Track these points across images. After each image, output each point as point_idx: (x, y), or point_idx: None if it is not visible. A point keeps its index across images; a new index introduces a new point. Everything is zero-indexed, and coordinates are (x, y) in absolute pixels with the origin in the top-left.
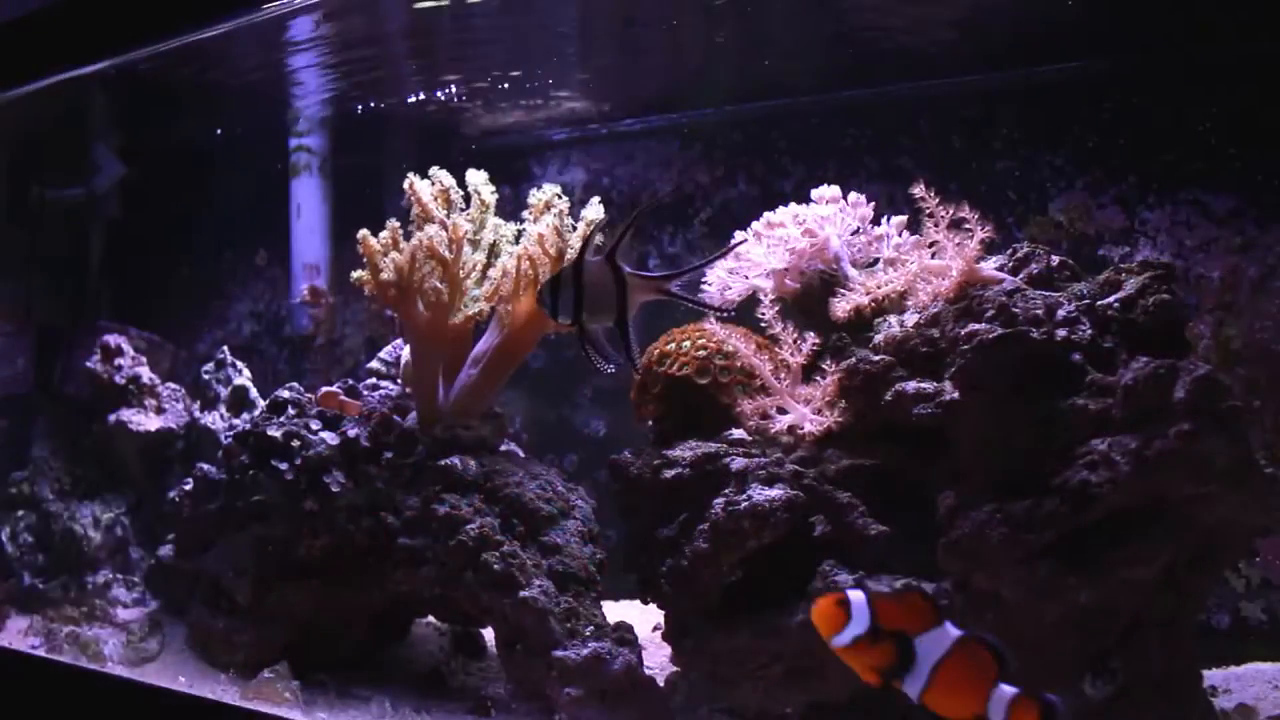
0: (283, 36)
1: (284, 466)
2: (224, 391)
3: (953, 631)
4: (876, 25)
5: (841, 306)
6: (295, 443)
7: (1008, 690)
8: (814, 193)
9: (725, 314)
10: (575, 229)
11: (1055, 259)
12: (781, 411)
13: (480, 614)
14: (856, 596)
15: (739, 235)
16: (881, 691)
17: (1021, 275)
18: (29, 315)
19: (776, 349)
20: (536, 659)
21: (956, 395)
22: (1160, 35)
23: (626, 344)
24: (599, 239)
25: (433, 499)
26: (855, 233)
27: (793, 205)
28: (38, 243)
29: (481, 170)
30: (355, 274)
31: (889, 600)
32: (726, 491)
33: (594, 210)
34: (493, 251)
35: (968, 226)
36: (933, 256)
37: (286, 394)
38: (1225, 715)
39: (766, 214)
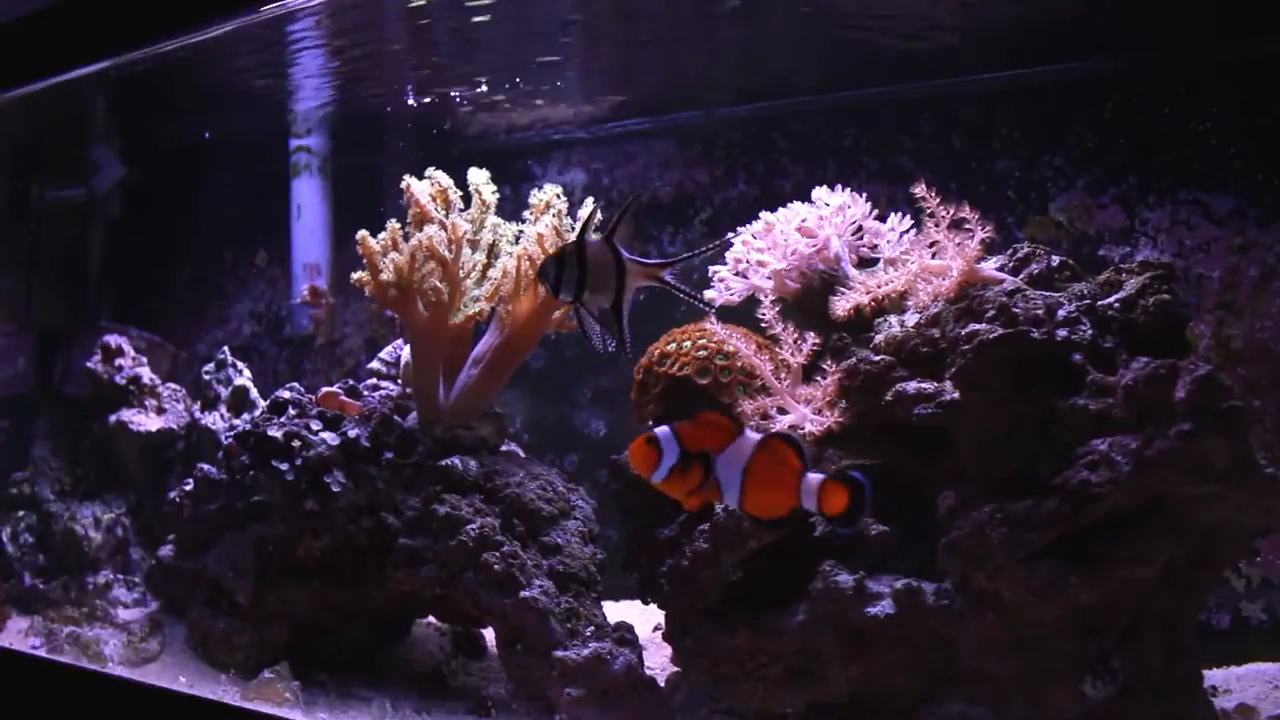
0: (283, 36)
1: (284, 467)
2: (224, 392)
3: (752, 437)
4: (876, 25)
5: (841, 305)
6: (296, 443)
7: (814, 478)
8: (815, 193)
9: (711, 308)
10: (574, 229)
11: (1055, 259)
12: (782, 411)
13: (481, 614)
14: (663, 431)
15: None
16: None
17: (1022, 275)
18: (29, 316)
19: (777, 349)
20: (537, 659)
21: (957, 395)
22: (1160, 35)
23: (621, 326)
24: (597, 219)
25: (433, 499)
26: (856, 233)
27: (793, 205)
28: (38, 243)
29: (483, 170)
30: (355, 274)
31: (691, 427)
32: None
33: (590, 210)
34: (493, 251)
35: (968, 226)
36: (933, 256)
37: (287, 394)
38: (1226, 715)
39: (765, 214)
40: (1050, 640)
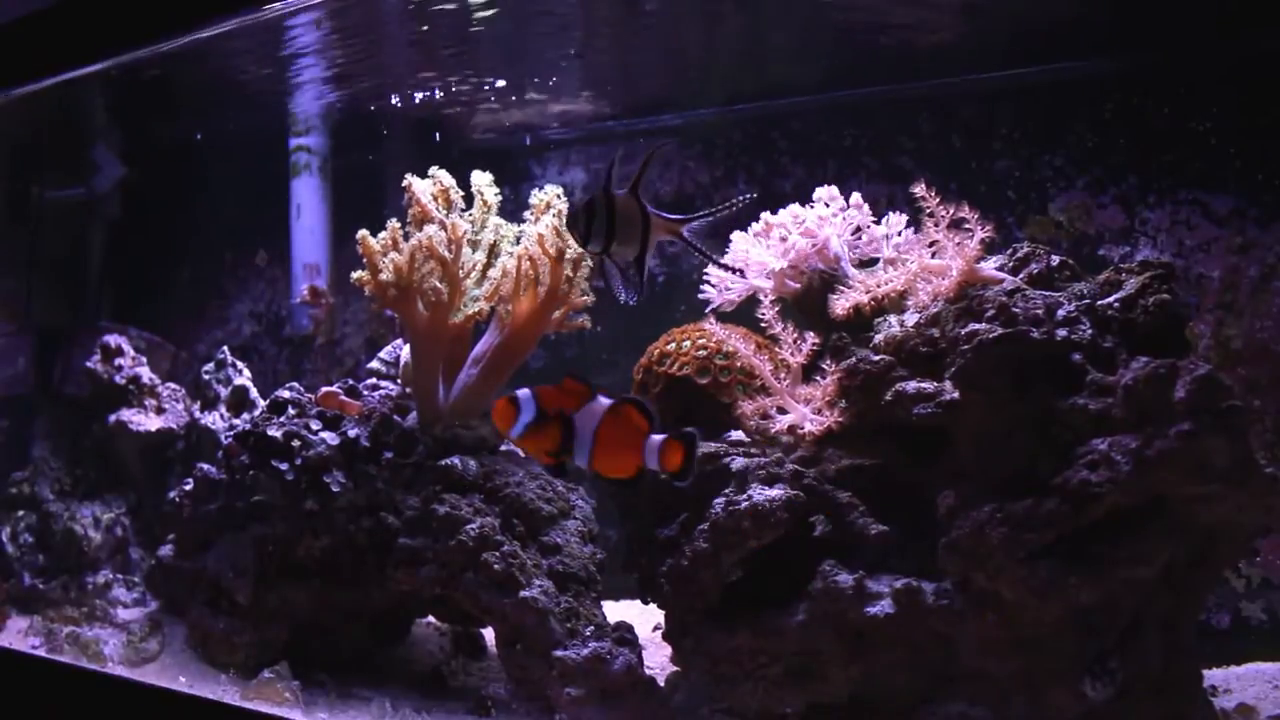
0: (283, 36)
1: (284, 467)
2: (224, 392)
3: (604, 401)
4: (876, 24)
5: (841, 304)
6: (295, 443)
7: (656, 438)
8: (816, 193)
9: (733, 270)
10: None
11: (1055, 259)
12: (781, 411)
13: (480, 614)
14: (523, 392)
15: (737, 236)
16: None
17: (1022, 275)
18: (29, 315)
19: (776, 349)
20: (537, 659)
21: (957, 395)
22: (1160, 35)
23: (643, 278)
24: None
25: (433, 499)
26: (856, 232)
27: (793, 206)
28: (38, 243)
29: (486, 172)
30: (355, 274)
31: (550, 390)
32: (727, 491)
33: None
34: (493, 251)
35: (968, 226)
36: (933, 256)
37: (287, 394)
38: (1225, 715)
39: (765, 215)
40: (1050, 640)
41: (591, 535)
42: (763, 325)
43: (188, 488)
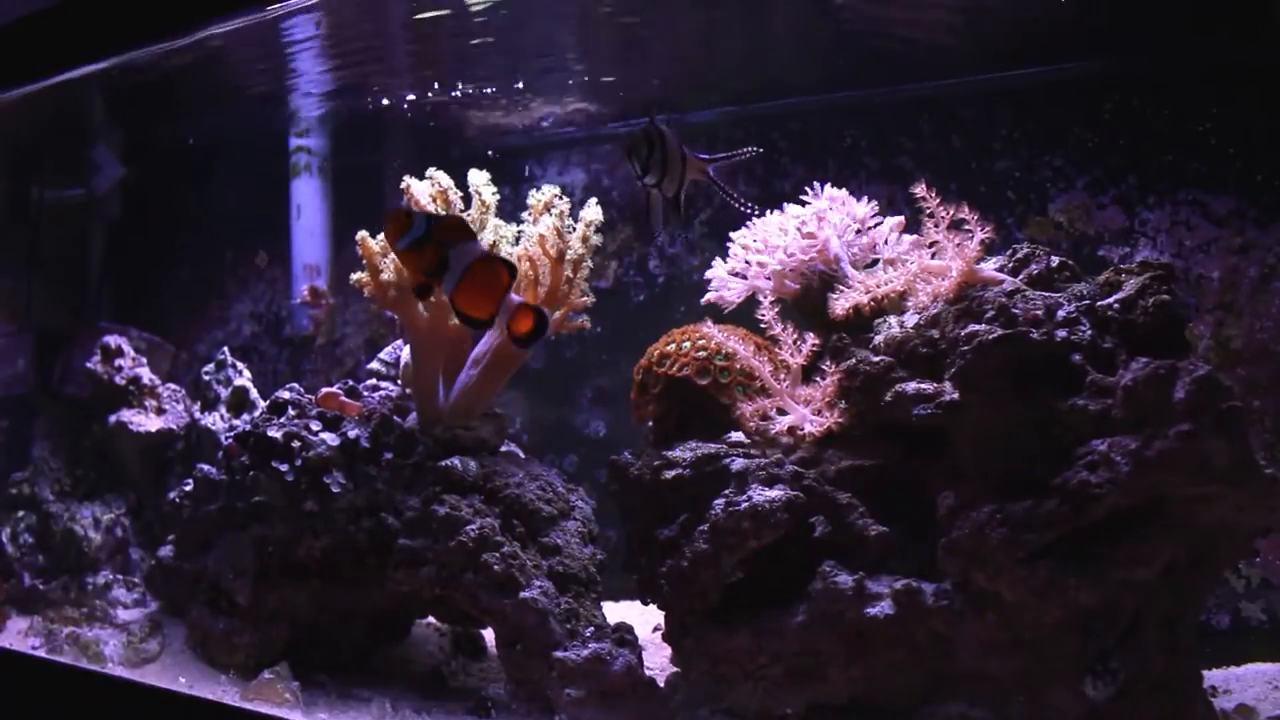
0: (283, 37)
1: (284, 467)
2: (224, 392)
3: (481, 247)
4: (876, 25)
5: (840, 304)
6: (296, 444)
7: (514, 298)
8: (814, 192)
9: (751, 209)
10: (575, 230)
11: (1055, 259)
12: (781, 412)
13: (480, 615)
14: (419, 212)
15: (735, 234)
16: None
17: (1021, 276)
18: (29, 316)
19: (776, 350)
20: (537, 659)
21: (956, 396)
22: (1160, 35)
23: (680, 213)
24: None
25: (433, 500)
26: (857, 233)
27: (793, 206)
28: (38, 243)
29: (484, 171)
30: (355, 275)
31: (440, 219)
32: (726, 492)
33: (592, 211)
34: None
35: (968, 227)
36: (933, 257)
37: (287, 395)
38: (1225, 715)
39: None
40: (1050, 641)
41: (591, 536)
42: (762, 326)
43: (188, 488)
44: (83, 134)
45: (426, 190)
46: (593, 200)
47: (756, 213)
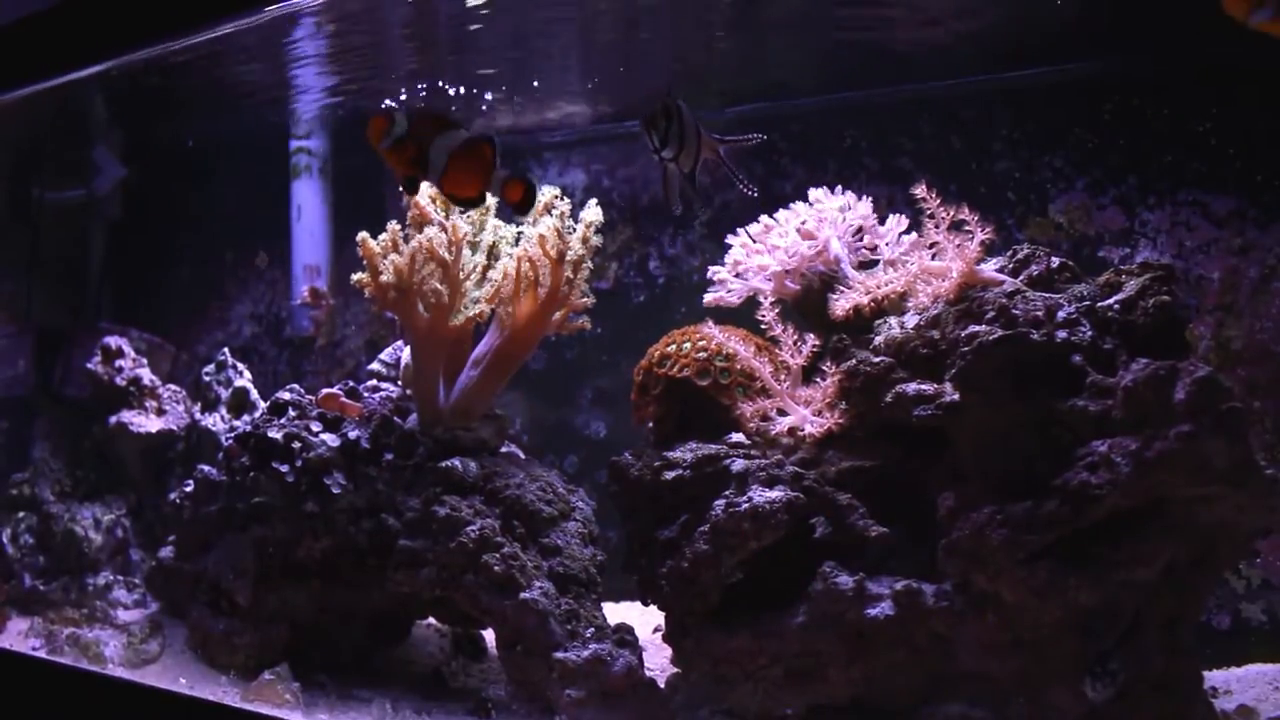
0: (283, 38)
1: (285, 468)
2: (225, 393)
3: (461, 134)
4: (876, 26)
5: (841, 305)
6: (296, 444)
7: (502, 172)
8: (811, 194)
9: (754, 191)
10: (575, 231)
11: (1055, 260)
12: (782, 413)
13: (481, 615)
14: (400, 112)
15: (732, 236)
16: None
17: (1022, 277)
18: (30, 316)
19: (776, 351)
20: (537, 660)
21: (957, 397)
22: (1160, 36)
23: (694, 189)
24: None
25: (433, 500)
26: (857, 234)
27: (796, 205)
28: (39, 244)
29: None
30: (355, 276)
31: (419, 113)
32: (727, 493)
33: (592, 212)
34: (493, 253)
35: (968, 228)
36: (933, 258)
37: (287, 396)
38: (1226, 716)
39: (764, 217)
40: (1050, 641)
41: (592, 537)
42: (763, 327)
43: (188, 489)
44: (83, 135)
45: (427, 191)
46: (593, 201)
47: (755, 194)
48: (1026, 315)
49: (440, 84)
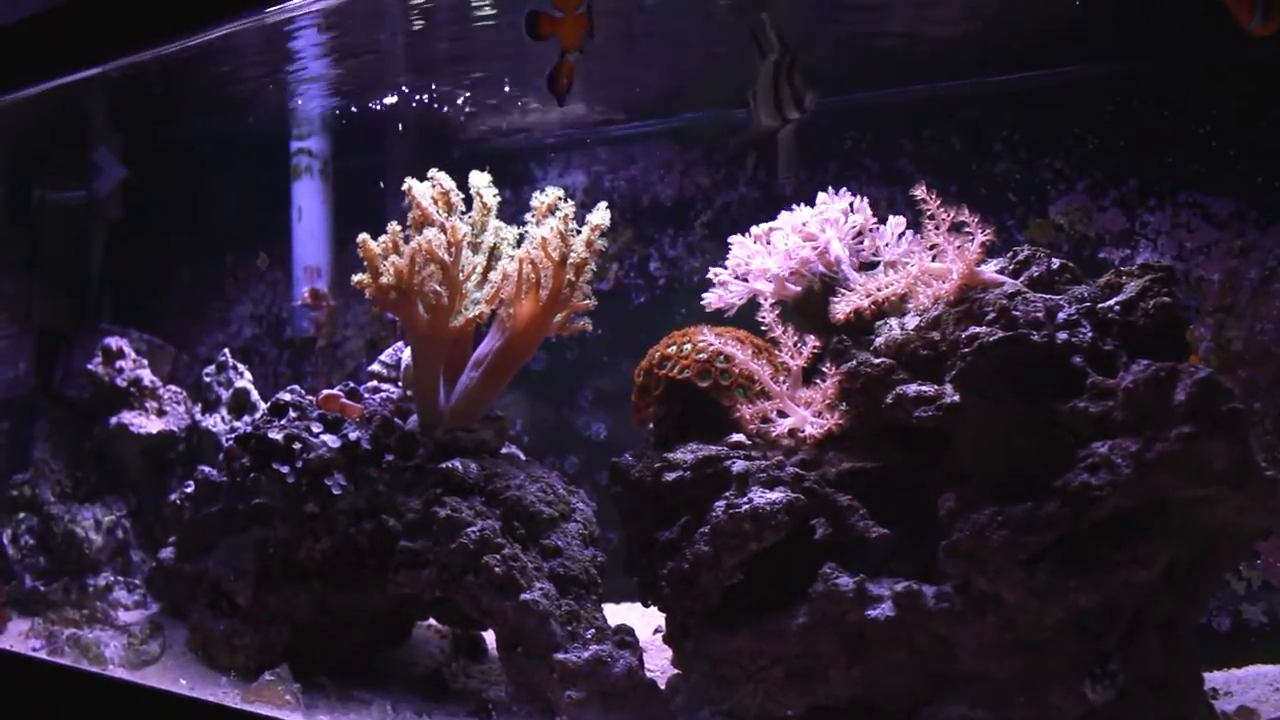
0: (284, 39)
1: (285, 469)
2: (225, 394)
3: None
4: (877, 27)
5: (841, 308)
6: (296, 445)
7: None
8: (819, 198)
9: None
10: (579, 233)
11: (1056, 262)
12: (782, 415)
13: (481, 616)
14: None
15: (736, 238)
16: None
17: (1022, 278)
18: (30, 317)
19: (777, 352)
20: (538, 661)
21: (957, 398)
22: (1160, 38)
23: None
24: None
25: (433, 502)
26: (858, 235)
27: (799, 208)
28: (39, 245)
29: (484, 173)
30: (356, 277)
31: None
32: (727, 494)
33: (600, 215)
34: (493, 254)
35: (968, 229)
36: (933, 259)
37: (287, 397)
38: (1226, 717)
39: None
40: (1051, 642)
41: (592, 538)
42: (763, 328)
43: (189, 490)
44: (84, 135)
45: (427, 191)
46: (602, 204)
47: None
48: (1027, 317)
49: (440, 84)
